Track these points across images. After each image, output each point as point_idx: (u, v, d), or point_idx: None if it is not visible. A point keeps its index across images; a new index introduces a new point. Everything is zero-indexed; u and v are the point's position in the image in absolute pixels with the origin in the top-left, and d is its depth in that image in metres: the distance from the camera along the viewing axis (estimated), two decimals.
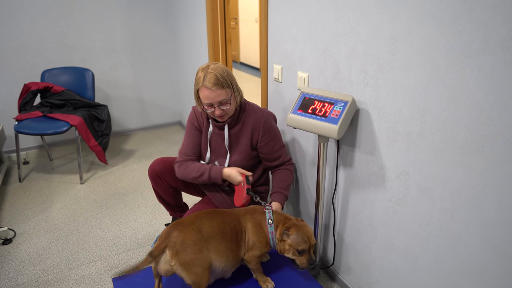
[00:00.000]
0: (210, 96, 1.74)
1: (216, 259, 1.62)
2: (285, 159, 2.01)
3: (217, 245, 1.62)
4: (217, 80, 1.73)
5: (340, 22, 1.64)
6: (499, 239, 1.18)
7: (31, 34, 3.50)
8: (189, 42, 3.73)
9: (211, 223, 1.64)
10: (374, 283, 1.79)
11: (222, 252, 1.63)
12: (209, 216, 1.67)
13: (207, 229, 1.62)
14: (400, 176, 1.51)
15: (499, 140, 1.12)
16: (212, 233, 1.62)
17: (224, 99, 1.76)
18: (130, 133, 4.32)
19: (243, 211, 1.77)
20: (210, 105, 1.78)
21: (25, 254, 2.30)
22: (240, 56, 8.59)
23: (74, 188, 3.09)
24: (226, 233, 1.65)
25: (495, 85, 1.10)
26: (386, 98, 1.49)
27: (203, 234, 1.60)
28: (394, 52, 1.41)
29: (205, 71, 1.75)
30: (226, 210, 1.76)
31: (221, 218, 1.68)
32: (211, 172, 1.90)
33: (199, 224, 1.62)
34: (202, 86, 1.74)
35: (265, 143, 1.93)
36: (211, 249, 1.60)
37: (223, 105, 1.78)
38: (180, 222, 1.63)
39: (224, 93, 1.75)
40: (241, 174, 1.87)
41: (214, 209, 1.74)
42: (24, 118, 3.08)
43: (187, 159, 1.98)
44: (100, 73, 3.94)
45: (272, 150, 1.96)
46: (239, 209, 1.79)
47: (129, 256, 2.28)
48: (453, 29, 1.18)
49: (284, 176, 1.99)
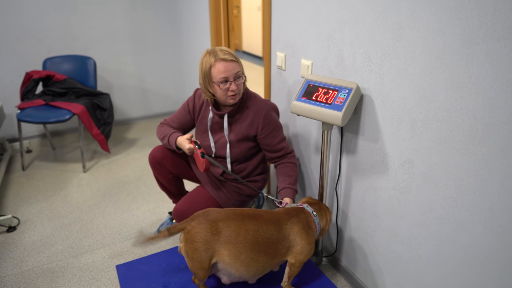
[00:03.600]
0: (226, 69, 1.75)
1: (232, 266, 1.55)
2: (287, 150, 1.98)
3: (237, 253, 1.53)
4: (230, 53, 1.78)
5: (345, 9, 1.62)
6: (503, 227, 1.18)
7: (33, 22, 3.48)
8: (191, 30, 3.70)
9: (238, 229, 1.54)
10: (377, 271, 1.79)
11: (241, 261, 1.54)
12: (240, 221, 1.56)
13: (229, 233, 1.53)
14: (404, 164, 1.50)
15: (504, 128, 1.11)
16: (234, 240, 1.53)
17: (239, 72, 1.80)
18: (132, 121, 4.32)
19: (285, 216, 1.63)
20: (225, 80, 1.77)
21: (29, 242, 2.32)
22: (243, 44, 8.54)
23: (77, 177, 3.10)
24: (255, 244, 1.54)
25: (502, 72, 1.08)
26: (390, 85, 1.48)
27: (221, 237, 1.53)
28: (399, 38, 1.39)
29: (213, 50, 1.79)
30: (266, 215, 1.62)
31: (255, 227, 1.56)
32: (170, 138, 1.97)
33: (223, 225, 1.54)
34: (217, 61, 1.75)
35: (265, 135, 1.91)
36: (226, 254, 1.53)
37: (238, 80, 1.80)
38: (206, 213, 1.58)
39: (238, 66, 1.80)
40: (190, 142, 1.87)
41: (254, 212, 1.64)
42: (27, 107, 3.08)
43: (168, 125, 2.07)
44: (103, 62, 3.93)
45: (273, 143, 1.94)
46: (281, 214, 1.64)
47: (133, 244, 2.30)
48: (459, 15, 1.17)
49: (290, 171, 1.95)
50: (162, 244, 2.29)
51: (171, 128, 2.04)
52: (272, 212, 1.66)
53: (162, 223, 2.41)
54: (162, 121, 2.10)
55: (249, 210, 1.65)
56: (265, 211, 1.66)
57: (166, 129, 2.03)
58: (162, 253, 1.98)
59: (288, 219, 1.62)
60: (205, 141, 2.00)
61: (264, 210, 1.68)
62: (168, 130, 2.02)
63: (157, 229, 2.38)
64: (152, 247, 2.27)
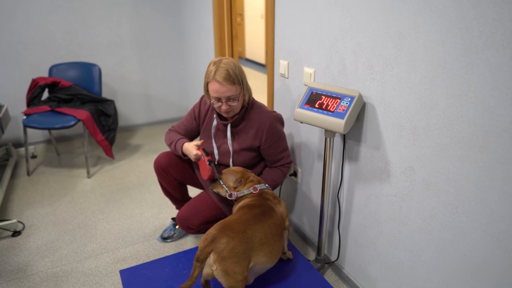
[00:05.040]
0: (219, 90, 1.75)
1: (268, 262, 1.64)
2: (285, 161, 2.02)
3: (271, 249, 1.64)
4: (228, 75, 1.74)
5: (347, 18, 1.65)
6: (503, 233, 1.19)
7: (39, 29, 3.53)
8: (195, 38, 3.74)
9: (263, 229, 1.63)
10: (378, 278, 1.80)
11: (275, 254, 1.66)
12: (260, 221, 1.65)
13: (260, 235, 1.61)
14: (406, 171, 1.52)
15: (504, 136, 1.13)
16: (266, 239, 1.62)
17: (233, 95, 1.78)
18: (136, 128, 4.35)
19: (270, 200, 1.80)
20: (218, 99, 1.79)
21: (33, 246, 2.34)
22: (246, 52, 8.59)
23: (81, 182, 3.12)
24: (275, 234, 1.68)
25: (501, 81, 1.11)
26: (392, 93, 1.50)
27: (254, 243, 1.59)
28: (401, 47, 1.41)
29: (217, 65, 1.76)
30: (265, 208, 1.73)
31: (271, 220, 1.69)
32: (176, 144, 1.99)
33: (251, 232, 1.59)
34: (213, 80, 1.75)
35: (268, 146, 1.94)
36: (262, 255, 1.61)
37: (231, 101, 1.80)
38: (229, 228, 1.58)
39: (234, 89, 1.77)
40: (198, 148, 1.88)
41: (262, 209, 1.71)
42: (33, 113, 3.11)
43: (176, 132, 2.10)
44: (107, 69, 3.97)
45: (275, 153, 1.97)
46: (267, 201, 1.79)
47: (136, 249, 2.31)
48: (459, 24, 1.19)
49: (274, 174, 2.01)
50: (165, 249, 2.30)
51: (178, 135, 2.07)
52: (263, 204, 1.76)
53: (165, 228, 2.42)
54: (170, 127, 2.13)
55: (261, 209, 1.71)
56: (259, 206, 1.74)
57: (174, 135, 2.06)
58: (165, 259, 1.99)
59: (272, 201, 1.80)
60: (209, 148, 2.02)
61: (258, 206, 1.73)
62: (175, 136, 2.04)
63: (160, 235, 2.40)
64: (155, 252, 2.28)
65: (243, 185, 1.85)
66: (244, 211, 1.69)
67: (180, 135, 2.08)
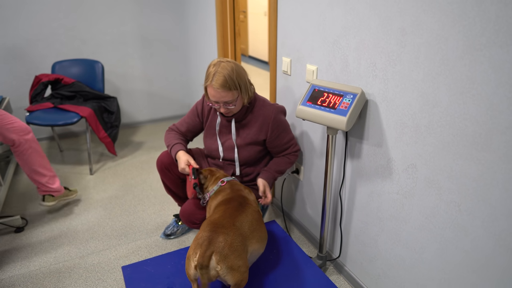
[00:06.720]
0: (215, 96, 1.79)
1: (261, 247, 1.68)
2: (292, 150, 2.05)
3: (260, 234, 1.68)
4: (225, 82, 1.75)
5: (350, 15, 1.64)
6: (506, 231, 1.19)
7: (42, 26, 3.54)
8: (198, 35, 3.74)
9: (247, 218, 1.66)
10: (380, 275, 1.80)
11: (264, 237, 1.71)
12: (242, 212, 1.67)
13: (248, 224, 1.64)
14: (408, 168, 1.51)
15: (507, 133, 1.12)
16: (253, 227, 1.65)
17: (230, 101, 1.81)
18: (139, 125, 4.36)
19: (244, 191, 1.85)
20: (216, 102, 1.83)
21: (36, 242, 2.35)
22: (249, 49, 8.58)
23: (84, 179, 3.13)
24: (259, 219, 1.72)
25: (505, 78, 1.10)
26: (394, 91, 1.50)
27: (246, 232, 1.61)
28: (403, 44, 1.41)
29: (215, 69, 1.77)
30: (243, 197, 1.79)
31: (251, 208, 1.73)
32: (172, 149, 1.99)
33: (240, 224, 1.61)
34: (210, 85, 1.79)
35: (275, 138, 1.97)
36: (255, 242, 1.64)
37: (228, 105, 1.83)
38: (219, 225, 1.56)
39: (230, 95, 1.79)
40: (188, 166, 1.87)
41: (238, 201, 1.73)
42: (35, 109, 3.12)
43: (176, 130, 2.09)
44: (110, 66, 3.97)
45: (281, 144, 2.01)
46: (243, 192, 1.84)
47: (138, 245, 2.32)
48: (463, 21, 1.18)
49: (281, 162, 2.04)
50: (167, 246, 2.31)
51: (176, 137, 2.05)
52: (238, 195, 1.79)
53: (168, 225, 2.43)
54: (170, 126, 2.12)
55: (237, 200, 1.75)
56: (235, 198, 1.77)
57: (173, 136, 2.06)
58: (167, 255, 2.00)
59: (243, 191, 1.85)
60: (214, 144, 2.03)
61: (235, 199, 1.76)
62: (173, 139, 2.03)
63: (163, 232, 2.41)
64: (157, 249, 2.29)
65: (210, 182, 1.90)
66: (223, 207, 1.70)
67: (178, 136, 2.07)
